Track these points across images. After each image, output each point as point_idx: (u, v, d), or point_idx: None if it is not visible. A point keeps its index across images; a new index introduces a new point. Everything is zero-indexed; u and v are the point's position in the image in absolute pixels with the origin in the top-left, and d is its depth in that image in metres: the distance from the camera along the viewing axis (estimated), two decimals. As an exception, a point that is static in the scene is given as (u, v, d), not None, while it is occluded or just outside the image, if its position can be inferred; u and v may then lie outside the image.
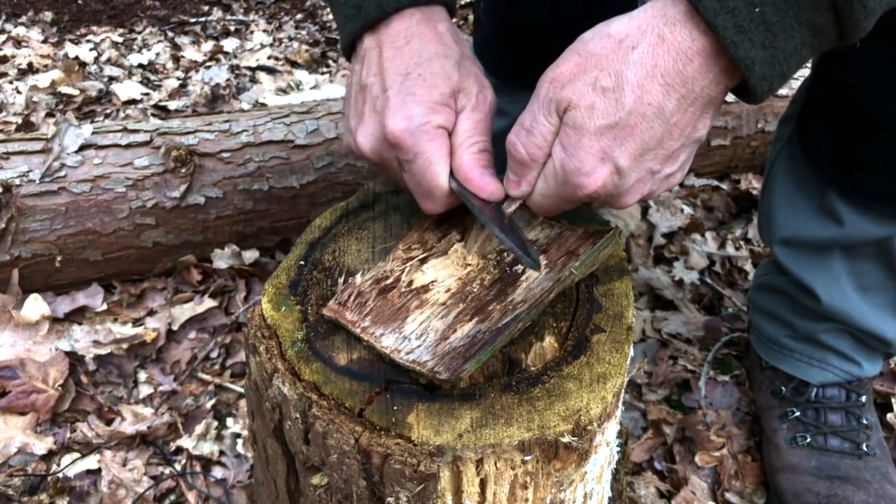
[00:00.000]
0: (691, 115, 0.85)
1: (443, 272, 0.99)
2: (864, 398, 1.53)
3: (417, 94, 0.96)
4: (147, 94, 3.02)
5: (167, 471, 1.56)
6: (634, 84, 0.82)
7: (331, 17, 3.76)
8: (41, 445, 1.57)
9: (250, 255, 1.96)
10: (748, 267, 2.09)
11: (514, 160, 0.93)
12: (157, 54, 3.40)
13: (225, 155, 1.87)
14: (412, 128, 0.94)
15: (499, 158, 0.99)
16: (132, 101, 2.96)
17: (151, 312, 1.88)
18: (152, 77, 3.21)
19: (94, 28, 3.67)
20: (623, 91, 0.83)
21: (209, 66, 3.30)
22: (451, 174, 0.97)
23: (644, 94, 0.83)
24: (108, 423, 1.64)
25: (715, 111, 0.88)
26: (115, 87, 3.04)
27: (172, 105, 2.94)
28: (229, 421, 1.65)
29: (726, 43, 0.78)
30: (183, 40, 3.59)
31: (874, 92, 1.16)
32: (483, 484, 0.83)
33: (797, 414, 1.54)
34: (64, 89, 2.97)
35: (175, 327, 1.83)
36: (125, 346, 1.75)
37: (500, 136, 0.96)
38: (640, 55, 0.82)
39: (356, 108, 1.02)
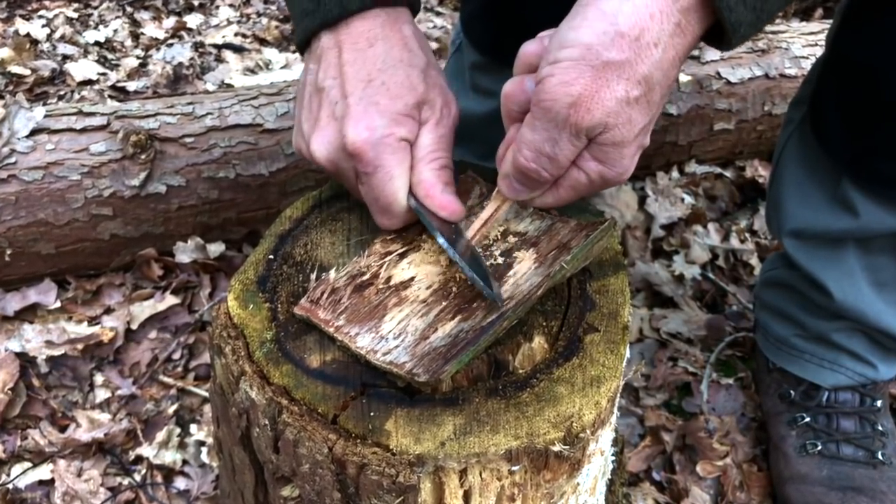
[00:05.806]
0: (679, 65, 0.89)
1: (424, 268, 0.99)
2: (879, 403, 1.54)
3: (381, 104, 0.97)
4: (104, 74, 3.00)
5: (126, 481, 1.56)
6: (664, 83, 0.85)
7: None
8: (-12, 455, 1.57)
9: (215, 249, 1.95)
10: (754, 261, 2.09)
11: (528, 179, 0.91)
12: (115, 31, 3.38)
13: (188, 140, 1.86)
14: (374, 139, 0.95)
15: (487, 143, 0.98)
16: (88, 82, 2.95)
17: (108, 310, 1.87)
18: (110, 56, 3.19)
19: (47, 3, 3.64)
20: (653, 92, 0.84)
21: (171, 44, 3.28)
22: (410, 190, 0.99)
23: (668, 81, 0.85)
24: (62, 429, 1.63)
25: None
26: (69, 66, 3.02)
27: (131, 86, 2.92)
28: (193, 428, 1.65)
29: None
30: (143, 16, 3.56)
31: (892, 71, 1.17)
32: (467, 496, 0.83)
33: (807, 419, 1.54)
34: (14, 69, 2.95)
35: (134, 326, 1.83)
36: (80, 346, 1.75)
37: (489, 120, 0.96)
38: (663, 52, 0.82)
39: (310, 111, 1.02)
